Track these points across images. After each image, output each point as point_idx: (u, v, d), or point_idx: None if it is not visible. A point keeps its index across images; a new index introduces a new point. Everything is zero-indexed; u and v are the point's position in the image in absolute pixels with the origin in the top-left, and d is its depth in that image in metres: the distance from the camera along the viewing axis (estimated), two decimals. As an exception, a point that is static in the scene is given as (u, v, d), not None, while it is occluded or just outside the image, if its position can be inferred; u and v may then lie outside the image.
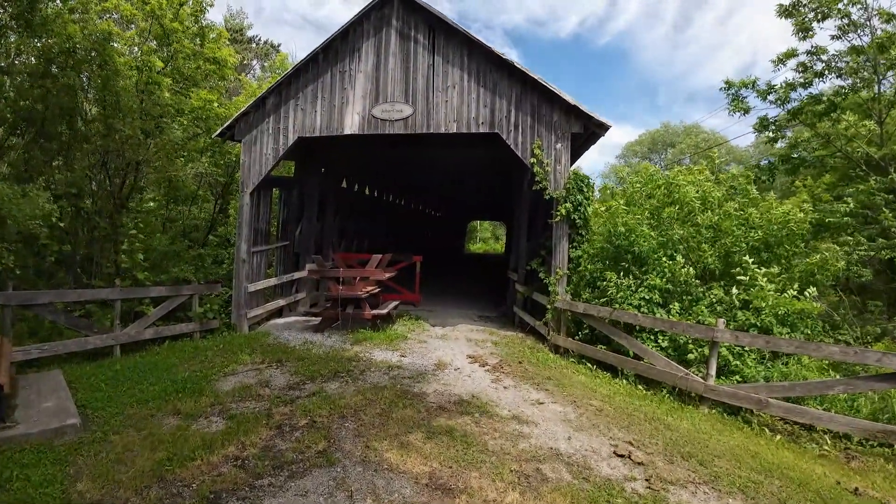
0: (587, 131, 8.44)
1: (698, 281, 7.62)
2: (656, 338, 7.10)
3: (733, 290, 7.27)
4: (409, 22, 9.03)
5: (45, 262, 10.17)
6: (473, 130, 8.71)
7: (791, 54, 12.15)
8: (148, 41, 11.42)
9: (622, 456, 4.24)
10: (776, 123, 12.29)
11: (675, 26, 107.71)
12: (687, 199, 8.10)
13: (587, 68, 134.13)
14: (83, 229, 11.00)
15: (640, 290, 7.31)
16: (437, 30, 8.91)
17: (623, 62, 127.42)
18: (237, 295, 9.45)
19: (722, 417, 5.92)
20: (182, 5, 11.40)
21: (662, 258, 7.55)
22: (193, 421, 4.84)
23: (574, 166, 8.90)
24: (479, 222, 52.51)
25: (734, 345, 6.53)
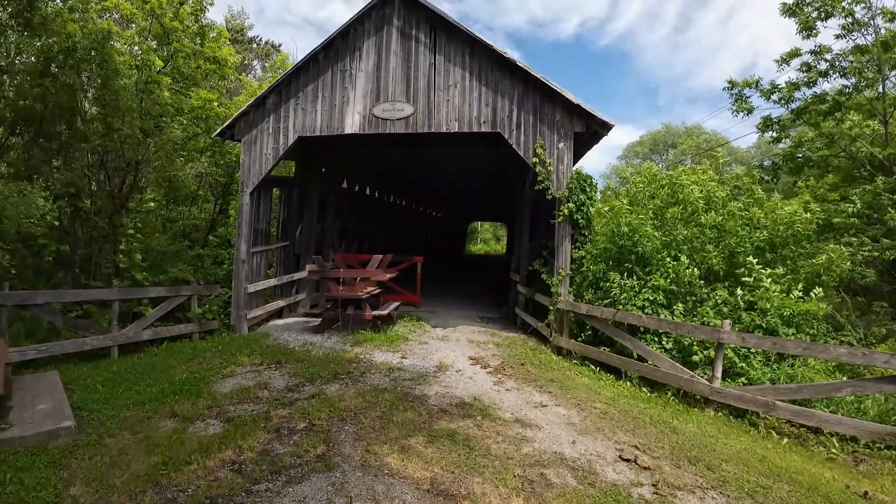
0: (590, 130, 8.35)
1: (702, 282, 7.52)
2: (660, 339, 7.00)
3: (738, 292, 7.18)
4: (411, 20, 8.96)
5: (44, 263, 10.10)
6: (475, 130, 8.62)
7: (795, 54, 12.08)
8: (148, 40, 11.35)
9: (628, 460, 4.15)
10: (780, 123, 12.19)
11: (676, 28, 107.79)
12: (691, 199, 8.00)
13: (588, 70, 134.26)
14: (82, 229, 10.94)
15: (644, 291, 7.22)
16: (439, 28, 8.83)
17: (624, 63, 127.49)
18: (237, 296, 9.38)
19: (728, 420, 5.83)
20: (182, 4, 11.35)
21: (666, 259, 7.45)
22: (190, 424, 4.75)
23: (576, 166, 8.81)
24: (480, 223, 52.41)
25: (740, 346, 6.44)
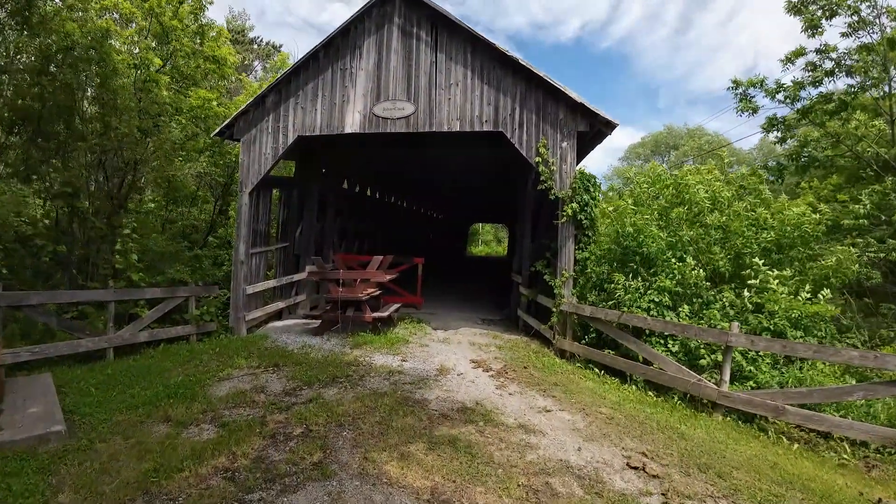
0: (593, 129, 8.21)
1: (708, 283, 7.38)
2: (666, 342, 6.86)
3: (745, 293, 7.04)
4: (412, 18, 8.84)
5: (42, 263, 9.98)
6: (477, 129, 8.50)
7: (800, 53, 11.93)
8: (147, 39, 11.24)
9: (636, 468, 4.00)
10: (785, 123, 12.04)
11: (677, 29, 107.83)
12: (697, 199, 7.86)
13: (588, 72, 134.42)
14: (80, 230, 10.82)
15: (650, 293, 7.07)
16: (440, 26, 8.71)
17: (624, 65, 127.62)
18: (235, 297, 9.26)
19: (737, 425, 5.68)
20: (181, 3, 11.24)
21: (672, 260, 7.31)
22: (184, 429, 4.62)
23: (579, 166, 8.69)
24: (481, 225, 52.28)
25: (748, 349, 6.30)
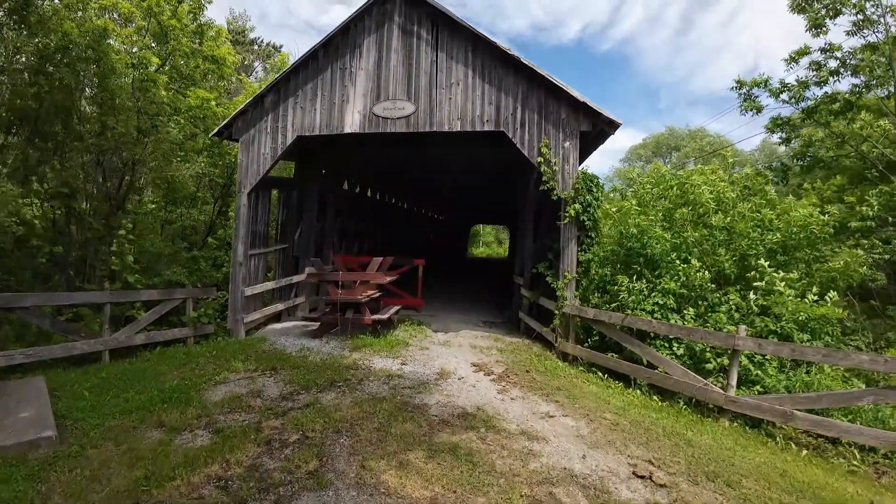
0: (596, 129, 8.09)
1: (713, 285, 7.25)
2: (671, 345, 6.72)
3: (751, 296, 6.91)
4: (412, 17, 8.74)
5: (41, 265, 9.87)
6: (478, 129, 8.38)
7: (804, 52, 11.80)
8: (145, 38, 11.15)
9: (642, 477, 3.87)
10: (790, 123, 11.90)
11: (678, 30, 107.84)
12: (702, 200, 7.72)
13: (589, 73, 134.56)
14: (78, 231, 10.72)
15: (654, 295, 6.94)
16: (441, 25, 8.61)
17: (625, 66, 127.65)
18: (233, 299, 9.14)
19: (744, 431, 5.54)
20: (180, 2, 11.15)
21: (676, 261, 7.18)
22: (177, 434, 4.50)
23: (582, 166, 8.56)
24: (482, 226, 52.14)
25: (755, 353, 6.17)
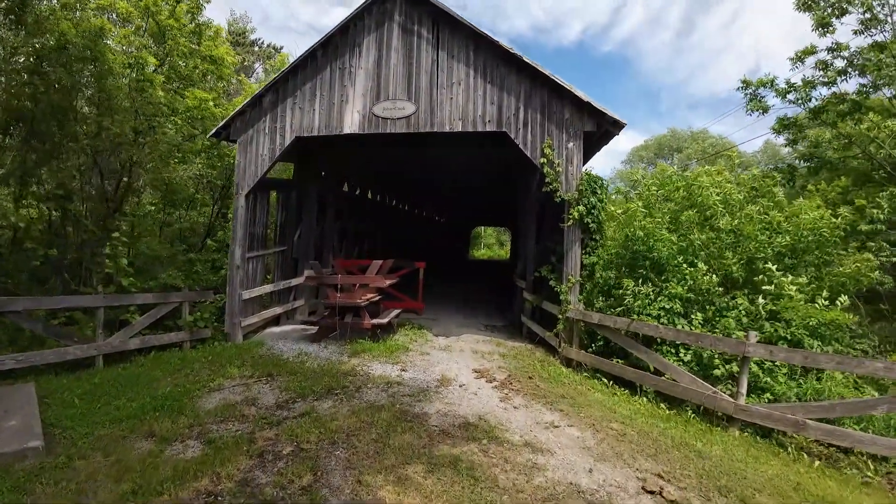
0: (600, 129, 7.92)
1: (721, 289, 7.06)
2: (677, 351, 6.53)
3: (759, 300, 6.72)
4: (412, 16, 8.59)
5: (39, 267, 9.74)
6: (480, 129, 8.22)
7: (810, 51, 11.62)
8: (143, 38, 11.01)
9: (652, 492, 3.69)
10: (796, 124, 11.71)
11: (679, 32, 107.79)
12: (710, 202, 7.54)
13: (590, 74, 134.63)
14: (75, 233, 10.58)
15: (660, 300, 6.76)
16: (442, 24, 8.46)
17: (626, 68, 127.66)
18: (231, 302, 8.98)
19: (755, 441, 5.35)
20: (178, 2, 11.03)
21: (683, 265, 7.00)
22: (168, 445, 4.34)
23: (585, 167, 8.39)
24: (483, 228, 51.97)
25: (765, 360, 5.98)
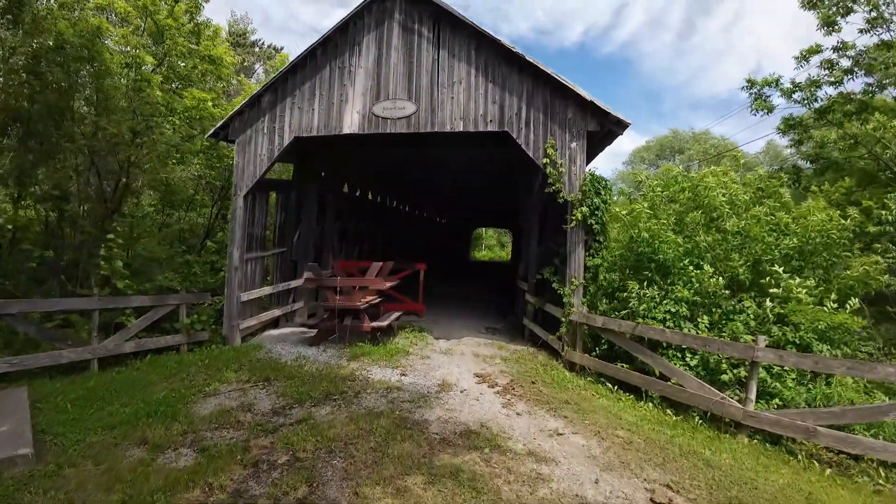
0: (604, 129, 7.79)
1: (727, 292, 6.92)
2: (683, 355, 6.38)
3: (767, 303, 6.58)
4: (413, 14, 8.48)
5: (37, 269, 9.62)
6: (481, 129, 8.10)
7: (815, 50, 11.49)
8: (141, 38, 10.91)
9: (661, 504, 3.56)
10: (802, 124, 11.56)
11: (680, 34, 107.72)
12: (716, 203, 7.40)
13: (591, 76, 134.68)
14: (72, 234, 10.47)
15: (666, 303, 6.62)
16: (443, 22, 8.35)
17: (627, 70, 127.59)
18: (229, 305, 8.87)
19: (764, 448, 5.21)
20: (177, 1, 10.92)
21: (689, 267, 6.86)
22: (160, 453, 4.21)
23: (589, 167, 8.26)
24: (484, 230, 51.84)
25: (774, 364, 5.84)
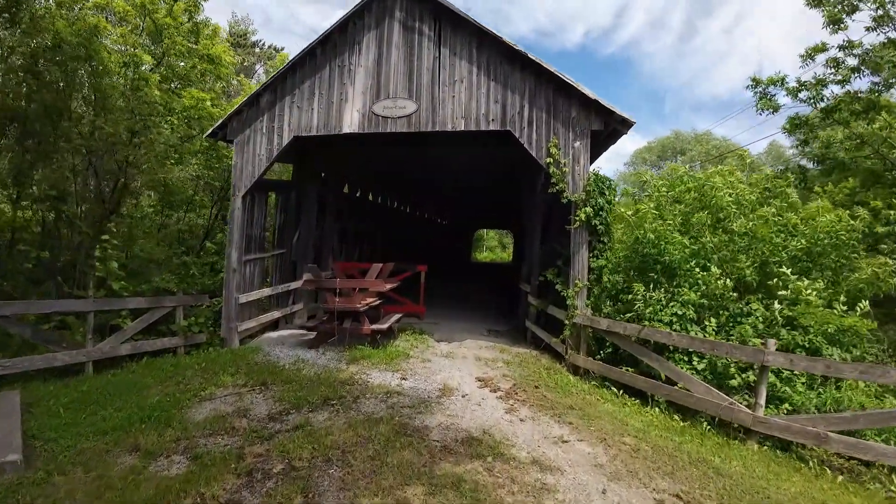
0: (608, 128, 7.66)
1: (735, 295, 6.78)
2: (690, 359, 6.24)
3: (776, 306, 6.43)
4: (414, 12, 8.36)
5: (34, 270, 9.52)
6: (483, 128, 7.97)
7: (820, 48, 11.33)
8: (140, 37, 10.81)
9: (672, 516, 3.42)
10: (808, 123, 11.40)
11: (681, 36, 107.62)
12: (723, 204, 7.26)
13: (593, 77, 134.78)
14: (69, 235, 10.37)
15: (672, 305, 6.47)
16: (444, 20, 8.22)
17: (628, 71, 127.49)
18: (227, 307, 8.74)
19: (775, 455, 5.07)
20: (176, 1, 10.82)
21: (695, 269, 6.72)
22: (152, 460, 4.08)
23: (592, 167, 8.13)
24: (486, 231, 51.69)
25: (784, 369, 5.70)
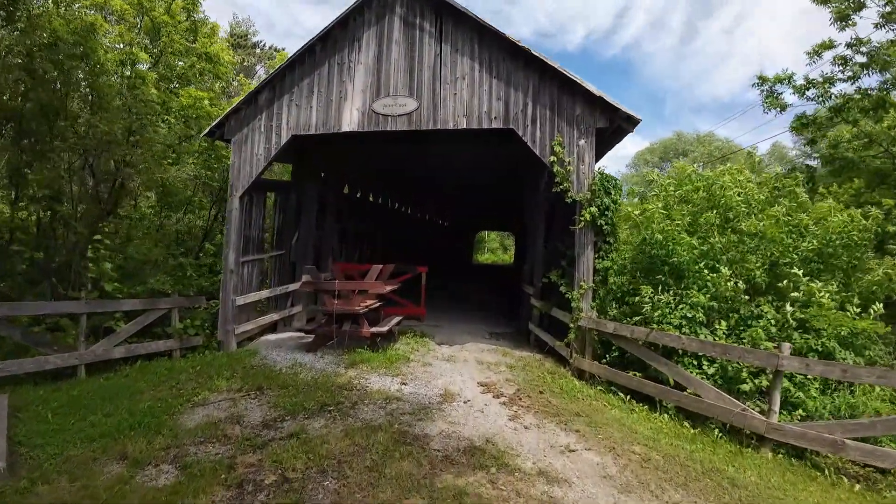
0: (613, 126, 7.48)
1: (746, 297, 6.58)
2: (700, 363, 6.04)
3: (787, 308, 6.24)
4: (414, 8, 8.20)
5: (26, 270, 9.37)
6: (485, 126, 7.80)
7: (828, 45, 11.13)
8: (137, 35, 10.66)
9: (687, 532, 3.22)
10: (816, 122, 11.19)
11: (682, 37, 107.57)
12: (732, 203, 7.07)
13: (594, 78, 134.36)
14: (65, 235, 10.22)
15: (681, 308, 6.28)
16: (445, 16, 8.06)
17: (629, 72, 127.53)
18: (224, 309, 8.57)
19: (790, 463, 4.86)
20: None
21: (704, 270, 6.53)
22: (140, 470, 3.90)
23: (597, 166, 7.95)
24: (487, 233, 51.51)
25: (799, 373, 5.51)
